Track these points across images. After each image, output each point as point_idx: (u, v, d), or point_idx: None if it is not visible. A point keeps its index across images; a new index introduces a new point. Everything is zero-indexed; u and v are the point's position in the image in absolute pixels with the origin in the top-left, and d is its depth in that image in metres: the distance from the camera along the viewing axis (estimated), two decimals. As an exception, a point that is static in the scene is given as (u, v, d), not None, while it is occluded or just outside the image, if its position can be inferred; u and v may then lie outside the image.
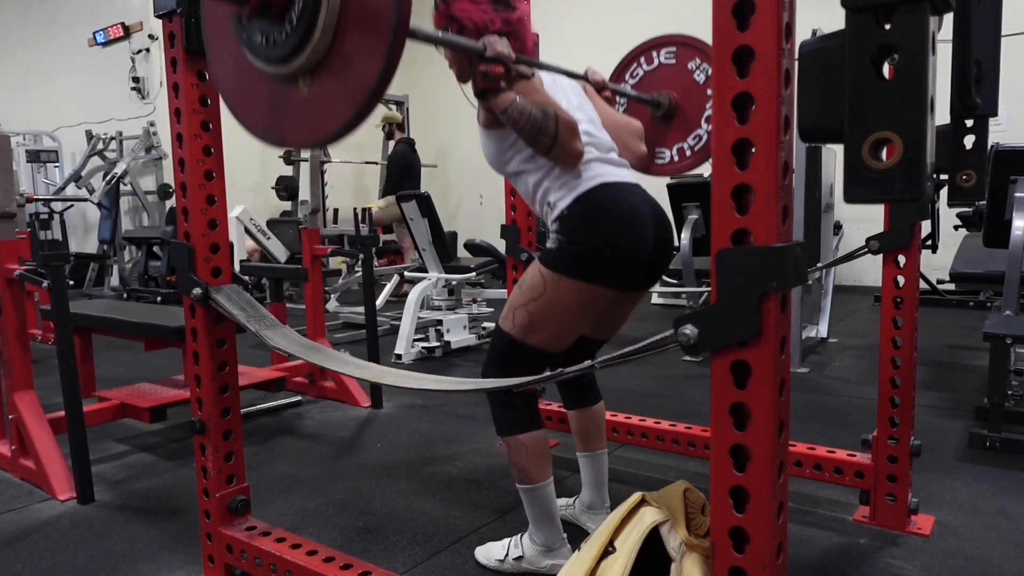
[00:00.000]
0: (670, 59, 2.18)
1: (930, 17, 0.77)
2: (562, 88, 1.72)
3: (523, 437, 1.64)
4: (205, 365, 1.60)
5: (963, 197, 1.36)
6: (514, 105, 1.50)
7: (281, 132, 1.25)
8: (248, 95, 1.30)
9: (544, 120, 1.51)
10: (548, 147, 1.54)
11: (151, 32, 7.87)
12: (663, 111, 2.17)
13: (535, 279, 1.60)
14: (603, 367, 1.08)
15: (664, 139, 2.21)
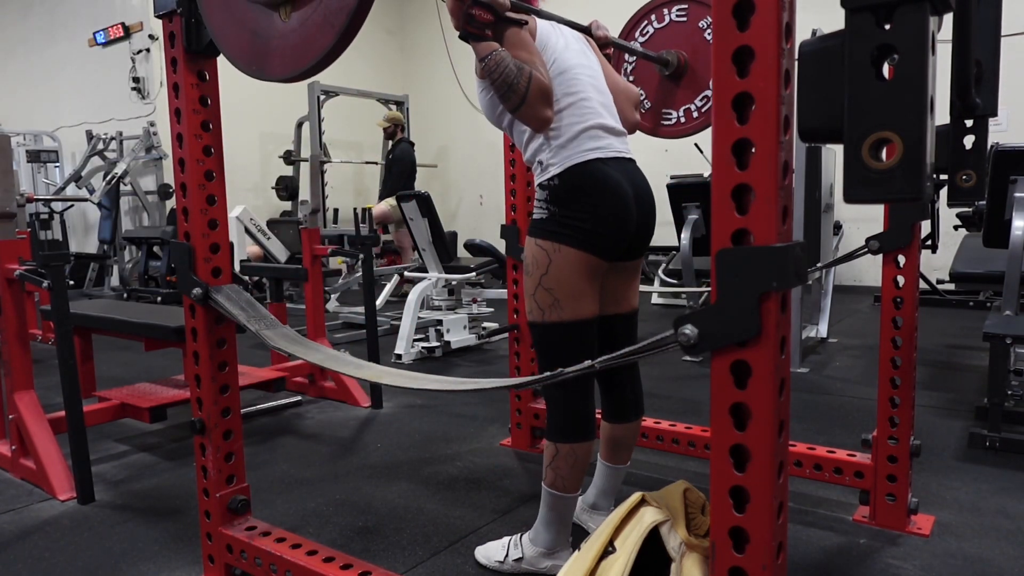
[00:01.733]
0: (681, 16, 2.11)
1: (930, 17, 0.77)
2: (562, 33, 1.68)
3: (576, 446, 1.61)
4: (205, 365, 1.60)
5: (963, 197, 1.36)
6: (492, 55, 1.49)
7: (264, 63, 1.24)
8: (233, 25, 1.29)
9: (517, 77, 1.49)
10: (516, 105, 1.52)
11: (151, 32, 7.87)
12: (672, 70, 2.10)
13: (537, 255, 1.60)
14: (603, 367, 1.08)
15: (672, 100, 2.15)
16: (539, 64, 1.54)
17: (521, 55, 1.52)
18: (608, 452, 1.89)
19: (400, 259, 6.64)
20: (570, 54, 1.65)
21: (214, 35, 1.37)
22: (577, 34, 1.76)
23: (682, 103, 2.13)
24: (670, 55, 2.11)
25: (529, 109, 1.53)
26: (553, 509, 1.67)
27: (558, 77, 1.60)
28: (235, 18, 1.29)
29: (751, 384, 0.84)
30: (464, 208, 9.53)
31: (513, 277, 2.52)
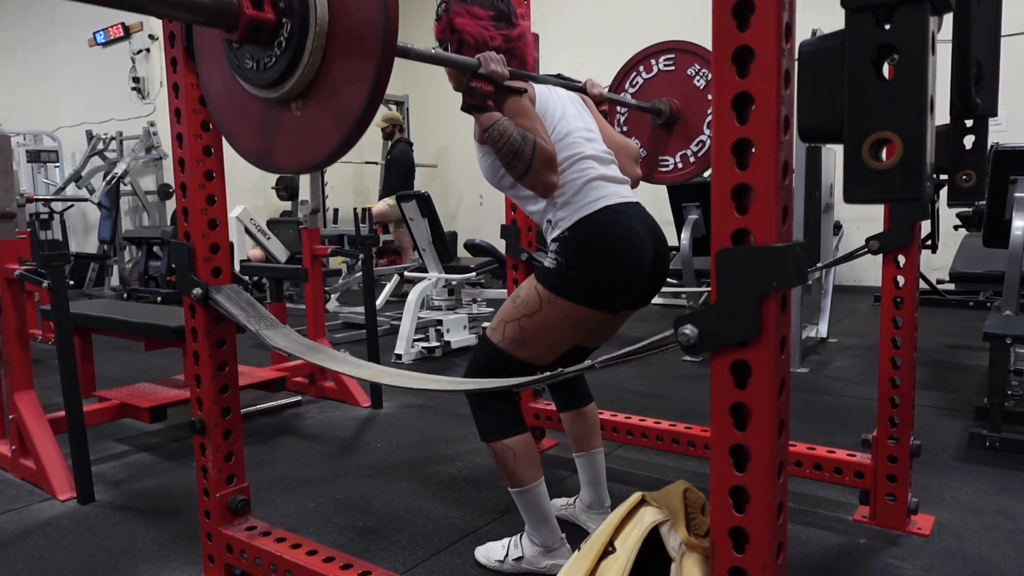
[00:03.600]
0: (669, 66, 2.19)
1: (930, 17, 0.77)
2: (559, 98, 1.70)
3: (508, 441, 1.64)
4: (205, 365, 1.60)
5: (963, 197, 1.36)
6: (495, 126, 1.50)
7: (271, 156, 1.26)
8: (238, 118, 1.31)
9: (522, 145, 1.50)
10: (522, 173, 1.53)
11: (151, 32, 7.88)
12: (664, 118, 2.17)
13: (530, 295, 1.60)
14: (603, 367, 1.08)
15: (667, 146, 2.20)
16: (541, 131, 1.56)
17: (523, 123, 1.53)
18: (576, 444, 1.96)
19: (400, 259, 6.64)
20: (568, 117, 1.66)
21: (221, 126, 1.38)
22: (573, 95, 1.77)
23: (677, 149, 2.19)
24: (662, 104, 2.17)
25: (534, 176, 1.53)
26: (526, 507, 1.68)
27: (559, 142, 1.61)
28: (243, 113, 1.30)
29: (751, 384, 0.84)
30: (464, 208, 9.53)
31: (513, 277, 2.52)
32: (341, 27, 1.09)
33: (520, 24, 1.70)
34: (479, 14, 1.64)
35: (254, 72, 1.19)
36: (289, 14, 1.12)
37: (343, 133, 1.12)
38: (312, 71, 1.13)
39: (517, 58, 1.68)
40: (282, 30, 1.13)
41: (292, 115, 1.19)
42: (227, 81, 1.30)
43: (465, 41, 1.64)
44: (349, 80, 1.10)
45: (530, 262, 2.44)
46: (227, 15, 1.11)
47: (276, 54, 1.15)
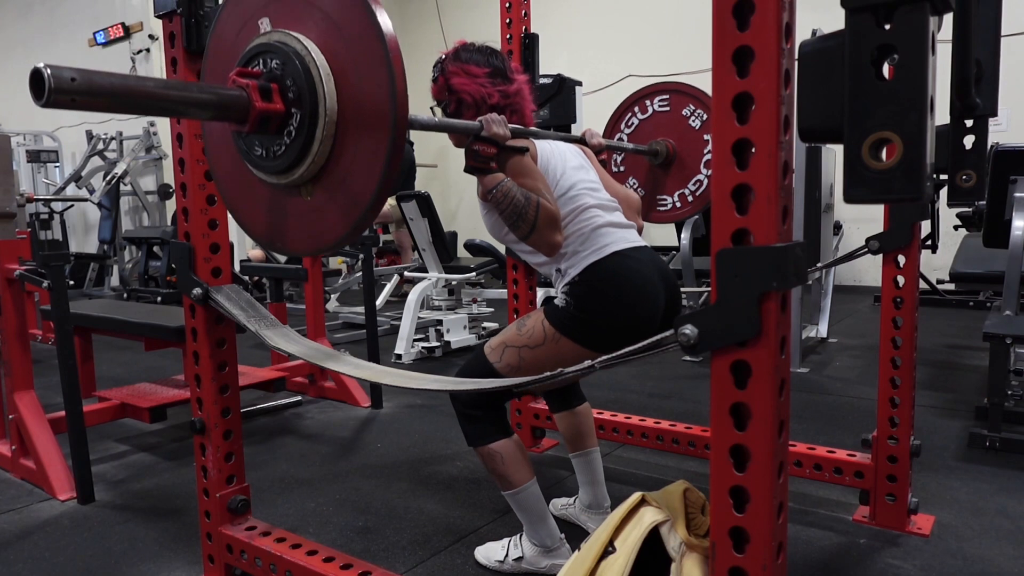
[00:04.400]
0: (664, 107, 2.23)
1: (930, 17, 0.77)
2: (560, 152, 1.69)
3: (494, 446, 1.64)
4: (205, 365, 1.60)
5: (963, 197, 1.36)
6: (499, 187, 1.50)
7: (282, 239, 1.27)
8: (247, 199, 1.31)
9: (526, 206, 1.50)
10: (526, 233, 1.53)
11: (151, 32, 7.88)
12: (661, 159, 2.21)
13: (536, 329, 1.58)
14: (603, 367, 1.08)
15: (664, 186, 2.24)
16: (544, 190, 1.55)
17: (526, 183, 1.53)
18: (571, 444, 1.96)
19: (400, 259, 6.64)
20: (570, 171, 1.65)
21: (229, 206, 1.39)
22: (573, 147, 1.77)
23: (675, 189, 2.23)
24: (659, 145, 2.20)
25: (539, 236, 1.53)
26: (520, 508, 1.69)
27: (562, 196, 1.61)
28: (252, 194, 1.30)
29: (751, 384, 0.84)
30: (464, 208, 9.53)
31: (513, 277, 2.52)
32: (351, 117, 1.10)
33: (517, 79, 1.70)
34: (475, 72, 1.64)
35: (263, 159, 1.19)
36: (299, 104, 1.12)
37: (353, 222, 1.13)
38: (322, 159, 1.13)
39: (517, 113, 1.69)
40: (291, 120, 1.14)
41: (302, 200, 1.20)
42: (236, 161, 1.30)
43: (463, 100, 1.65)
44: (359, 171, 1.10)
45: (530, 262, 2.44)
46: (237, 109, 1.12)
47: (286, 143, 1.15)
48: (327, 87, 1.11)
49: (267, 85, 1.14)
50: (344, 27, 1.10)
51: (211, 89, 1.13)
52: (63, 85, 0.91)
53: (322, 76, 1.11)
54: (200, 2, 1.47)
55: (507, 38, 2.40)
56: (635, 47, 7.90)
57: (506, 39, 2.40)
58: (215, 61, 1.31)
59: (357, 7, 1.08)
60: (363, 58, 1.07)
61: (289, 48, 1.13)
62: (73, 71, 0.92)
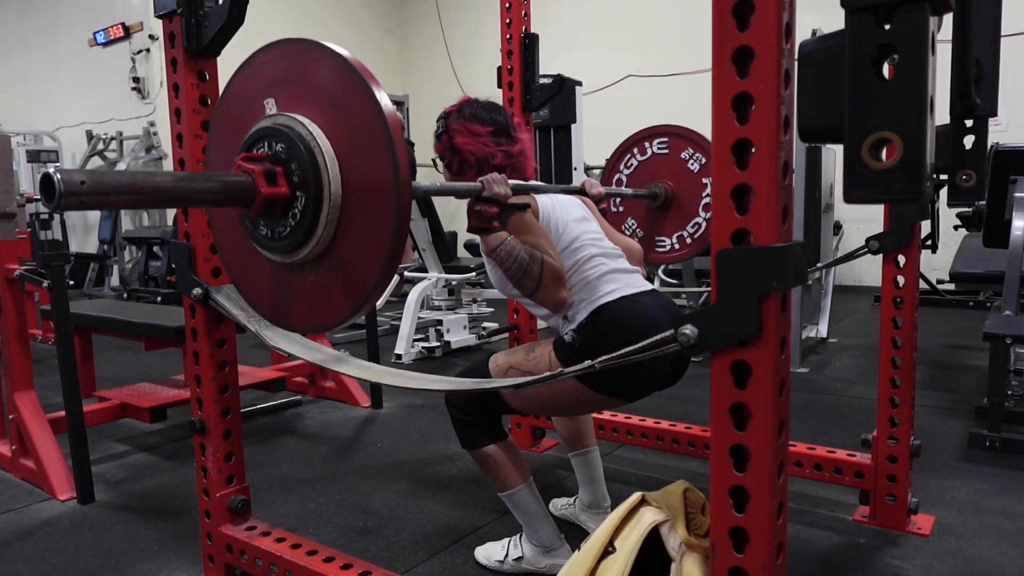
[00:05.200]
0: (663, 149, 2.26)
1: (930, 17, 0.77)
2: (561, 205, 1.69)
3: (488, 449, 1.64)
4: (205, 365, 1.60)
5: (963, 197, 1.36)
6: (503, 246, 1.50)
7: (287, 316, 1.30)
8: (252, 274, 1.34)
9: (530, 264, 1.50)
10: (532, 290, 1.52)
11: (151, 32, 7.87)
12: (660, 202, 2.24)
13: (543, 359, 1.57)
14: (603, 367, 1.08)
15: (663, 228, 2.27)
16: (547, 247, 1.54)
17: (529, 239, 1.53)
18: (569, 444, 1.97)
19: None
20: (572, 225, 1.65)
21: (234, 278, 1.41)
22: (573, 199, 1.76)
23: (674, 231, 2.27)
24: (657, 188, 2.23)
25: (544, 292, 1.52)
26: (517, 509, 1.69)
27: (566, 249, 1.60)
28: (256, 270, 1.32)
29: (751, 384, 0.84)
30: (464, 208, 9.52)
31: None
32: (355, 201, 1.11)
33: (520, 138, 1.72)
34: (478, 131, 1.66)
35: (268, 239, 1.21)
36: (303, 188, 1.14)
37: (355, 306, 1.15)
38: (326, 241, 1.15)
39: (518, 171, 1.71)
40: (296, 203, 1.15)
41: (305, 278, 1.21)
42: (240, 236, 1.31)
43: (466, 160, 1.67)
44: (363, 255, 1.12)
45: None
46: (243, 195, 1.14)
47: (290, 225, 1.16)
48: (332, 172, 1.12)
49: (272, 169, 1.16)
50: (347, 110, 1.11)
51: (217, 178, 1.15)
52: (73, 188, 0.92)
53: (327, 161, 1.12)
54: (200, 2, 1.47)
55: (507, 38, 2.40)
56: (635, 47, 7.90)
57: (506, 39, 2.40)
58: (221, 133, 1.34)
59: (358, 90, 1.09)
60: (366, 142, 1.09)
61: (294, 132, 1.15)
62: (83, 174, 0.94)
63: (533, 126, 2.49)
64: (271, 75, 1.22)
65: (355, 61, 1.11)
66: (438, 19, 9.53)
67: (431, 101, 9.75)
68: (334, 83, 1.13)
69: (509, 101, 2.43)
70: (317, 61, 1.15)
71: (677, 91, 7.43)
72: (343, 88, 1.11)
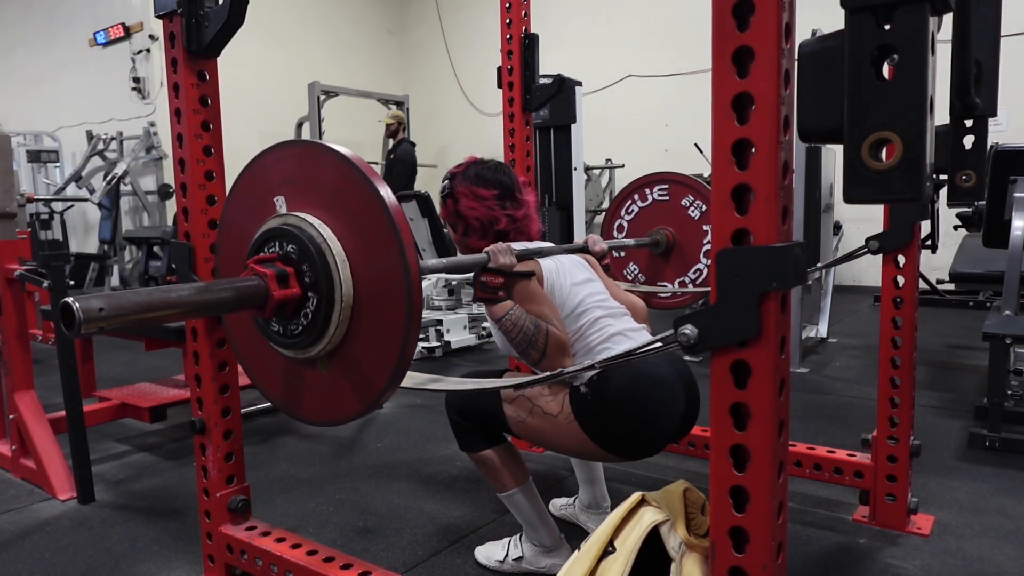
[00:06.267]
0: (664, 196, 2.30)
1: (930, 17, 0.77)
2: (565, 269, 1.68)
3: (484, 453, 1.65)
4: (205, 365, 1.60)
5: (963, 197, 1.36)
6: (508, 316, 1.51)
7: (298, 408, 1.32)
8: (264, 365, 1.35)
9: (535, 335, 1.50)
10: (536, 360, 1.53)
11: (151, 32, 7.87)
12: (661, 249, 2.27)
13: (553, 402, 1.55)
14: (603, 367, 1.08)
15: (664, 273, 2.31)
16: (552, 316, 1.55)
17: (534, 308, 1.53)
18: None
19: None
20: (577, 287, 1.65)
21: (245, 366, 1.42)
22: (576, 258, 1.77)
23: (675, 276, 2.31)
24: (659, 235, 2.28)
25: (549, 362, 1.52)
26: (517, 509, 1.69)
27: (571, 313, 1.60)
28: (269, 361, 1.33)
29: (751, 384, 0.84)
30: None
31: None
32: (366, 300, 1.13)
33: (525, 200, 1.74)
34: (484, 195, 1.68)
35: (280, 336, 1.22)
36: (315, 289, 1.15)
37: (366, 404, 1.17)
38: (338, 339, 1.17)
39: (523, 234, 1.73)
40: (308, 303, 1.17)
41: (317, 372, 1.23)
42: (252, 329, 1.32)
43: (471, 225, 1.69)
44: (373, 358, 1.14)
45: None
46: (256, 299, 1.15)
47: (303, 324, 1.18)
48: (343, 274, 1.14)
49: (284, 271, 1.17)
50: (354, 210, 1.13)
51: (230, 286, 1.17)
52: (92, 316, 0.94)
53: (337, 261, 1.14)
54: (200, 2, 1.47)
55: (507, 38, 2.40)
56: (635, 47, 7.90)
57: (506, 39, 2.40)
58: (231, 230, 1.36)
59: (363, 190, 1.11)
60: (375, 242, 1.10)
61: (304, 233, 1.16)
62: (101, 300, 0.95)
63: (533, 126, 2.48)
64: (281, 174, 1.25)
65: (357, 159, 1.13)
66: (438, 19, 9.53)
67: (431, 101, 9.77)
68: (339, 183, 1.14)
69: (509, 101, 2.43)
70: (323, 163, 1.17)
71: (677, 91, 7.43)
72: (348, 187, 1.13)
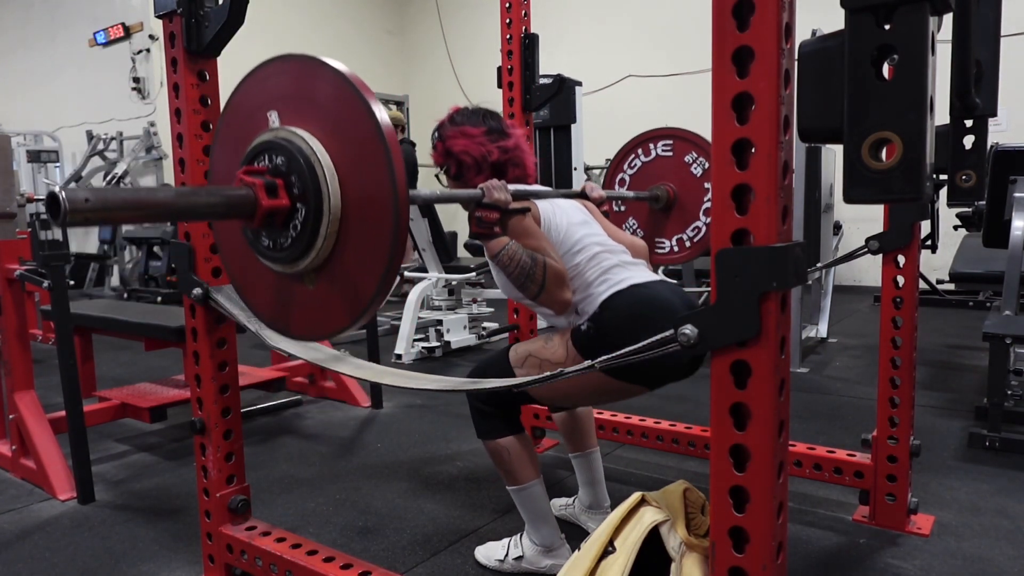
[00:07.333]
0: (667, 151, 2.27)
1: (930, 17, 0.77)
2: (562, 209, 1.69)
3: (503, 441, 1.64)
4: (205, 365, 1.60)
5: (963, 197, 1.36)
6: (505, 250, 1.51)
7: (286, 324, 1.31)
8: (254, 281, 1.35)
9: (533, 267, 1.50)
10: (536, 293, 1.53)
11: (151, 32, 7.87)
12: (662, 204, 2.25)
13: (559, 347, 1.57)
14: (603, 367, 1.08)
15: (664, 230, 2.28)
16: (549, 249, 1.55)
17: (530, 243, 1.53)
18: (570, 444, 1.96)
19: (400, 259, 6.62)
20: (573, 228, 1.65)
21: (236, 284, 1.41)
22: (574, 202, 1.76)
23: (673, 233, 2.28)
24: (659, 190, 2.24)
25: (548, 295, 1.53)
26: (524, 505, 1.69)
27: (569, 251, 1.60)
28: (259, 278, 1.33)
29: (751, 384, 0.84)
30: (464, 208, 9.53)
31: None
32: (354, 214, 1.13)
33: (513, 133, 1.71)
34: (472, 132, 1.66)
35: (270, 250, 1.23)
36: (303, 200, 1.15)
37: (355, 317, 1.17)
38: (326, 252, 1.17)
39: (519, 166, 1.70)
40: (297, 215, 1.17)
41: (305, 288, 1.23)
42: (243, 245, 1.33)
43: (464, 162, 1.66)
44: (362, 268, 1.13)
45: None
46: (245, 208, 1.15)
47: (291, 236, 1.18)
48: (331, 186, 1.14)
49: (273, 182, 1.17)
50: (346, 125, 1.13)
51: (219, 192, 1.17)
52: (78, 206, 0.94)
53: (326, 174, 1.14)
54: (200, 2, 1.47)
55: (507, 38, 2.40)
56: (635, 47, 7.90)
57: (506, 39, 2.40)
58: (225, 142, 1.35)
59: (357, 106, 1.10)
60: (364, 157, 1.10)
61: (294, 146, 1.16)
62: (87, 192, 0.96)
63: (533, 126, 2.48)
64: (275, 89, 1.24)
65: (353, 77, 1.12)
66: (438, 19, 9.53)
67: (431, 101, 9.77)
68: (334, 99, 1.14)
69: (509, 101, 2.43)
70: (318, 77, 1.17)
71: (677, 91, 7.43)
72: (342, 104, 1.13)
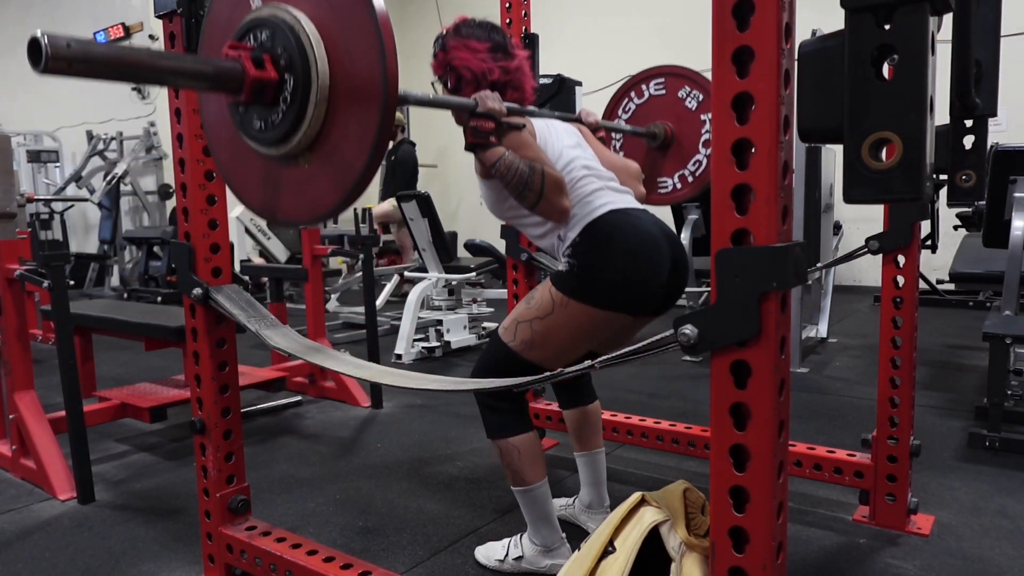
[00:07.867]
0: (660, 90, 2.23)
1: (930, 17, 0.77)
2: (556, 131, 1.69)
3: (514, 440, 1.63)
4: (205, 365, 1.60)
5: (963, 197, 1.36)
6: (501, 160, 1.50)
7: (275, 209, 1.30)
8: (244, 172, 1.34)
9: (531, 176, 1.50)
10: (534, 202, 1.53)
11: (152, 32, 7.87)
12: (659, 142, 2.22)
13: (544, 298, 1.58)
14: (603, 367, 1.08)
15: (663, 168, 2.25)
16: (545, 159, 1.56)
17: (527, 154, 1.53)
18: (578, 443, 1.95)
19: (400, 259, 6.64)
20: (567, 148, 1.65)
21: (226, 177, 1.40)
22: (569, 126, 1.76)
23: (674, 170, 2.25)
24: (656, 128, 2.21)
25: (547, 203, 1.53)
26: (528, 506, 1.68)
27: (559, 172, 1.60)
28: (248, 167, 1.32)
29: (751, 384, 0.84)
30: (464, 208, 9.53)
31: (513, 277, 2.52)
32: (343, 86, 1.12)
33: (517, 54, 1.69)
34: (476, 47, 1.63)
35: (262, 131, 1.22)
36: (291, 70, 1.14)
37: (346, 190, 1.15)
38: (317, 124, 1.15)
39: (518, 89, 1.69)
40: (285, 87, 1.16)
41: (296, 170, 1.22)
42: (232, 136, 1.32)
43: (463, 76, 1.63)
44: (352, 140, 1.12)
45: (530, 262, 2.44)
46: (231, 79, 1.14)
47: (282, 110, 1.17)
48: (318, 52, 1.12)
49: (259, 55, 1.16)
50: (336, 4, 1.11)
51: (205, 60, 1.16)
52: (60, 52, 0.92)
53: (312, 42, 1.13)
54: (200, 2, 1.47)
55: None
56: (635, 47, 7.89)
57: (506, 39, 2.40)
58: (211, 40, 1.33)
59: None
60: (353, 29, 1.09)
61: (278, 19, 1.16)
62: (70, 38, 0.93)
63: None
64: None
65: None
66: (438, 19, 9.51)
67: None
68: None
69: (509, 101, 2.43)
70: None
71: (677, 91, 7.42)
72: None
